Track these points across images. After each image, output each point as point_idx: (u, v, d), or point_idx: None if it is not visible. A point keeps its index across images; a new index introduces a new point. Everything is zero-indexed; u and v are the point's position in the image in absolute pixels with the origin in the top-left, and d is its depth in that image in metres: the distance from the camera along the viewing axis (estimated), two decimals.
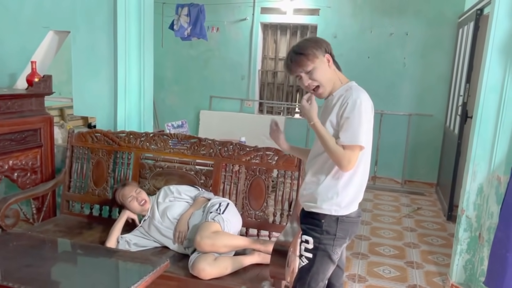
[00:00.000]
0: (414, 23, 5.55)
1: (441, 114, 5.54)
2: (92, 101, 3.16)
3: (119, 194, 2.62)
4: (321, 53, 1.78)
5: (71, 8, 3.09)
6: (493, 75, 2.63)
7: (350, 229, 1.85)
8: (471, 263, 2.85)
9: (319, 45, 1.79)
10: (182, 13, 4.61)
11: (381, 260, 3.46)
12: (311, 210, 1.85)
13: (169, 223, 2.53)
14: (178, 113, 6.40)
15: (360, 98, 1.72)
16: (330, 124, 1.77)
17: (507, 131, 2.60)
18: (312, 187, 1.85)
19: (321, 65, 1.78)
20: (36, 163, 2.97)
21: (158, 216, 2.56)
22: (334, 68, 1.83)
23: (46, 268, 1.96)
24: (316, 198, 1.82)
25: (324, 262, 1.84)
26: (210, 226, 2.33)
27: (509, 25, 2.55)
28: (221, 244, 2.29)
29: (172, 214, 2.54)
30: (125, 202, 2.60)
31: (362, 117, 1.71)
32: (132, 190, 2.61)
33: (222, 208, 2.46)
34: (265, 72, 6.54)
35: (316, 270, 1.85)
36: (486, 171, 2.72)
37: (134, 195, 2.59)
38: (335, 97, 1.80)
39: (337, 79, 1.83)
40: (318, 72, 1.78)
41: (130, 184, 2.67)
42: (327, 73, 1.80)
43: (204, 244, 2.25)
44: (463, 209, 2.84)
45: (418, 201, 5.14)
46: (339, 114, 1.74)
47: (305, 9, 5.99)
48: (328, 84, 1.81)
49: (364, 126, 1.71)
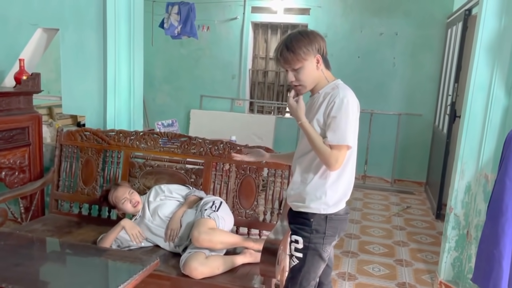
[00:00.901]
0: (404, 23, 5.60)
1: (430, 113, 5.59)
2: (81, 99, 3.13)
3: (112, 196, 2.58)
4: (311, 53, 1.76)
5: (60, 5, 3.06)
6: (480, 75, 2.66)
7: (339, 227, 1.86)
8: (459, 260, 2.89)
9: (312, 45, 1.76)
10: (173, 11, 4.59)
11: (371, 258, 3.48)
12: (299, 209, 1.85)
13: (160, 221, 2.52)
14: (168, 112, 6.38)
15: (347, 97, 1.72)
16: (317, 123, 1.77)
17: (495, 129, 2.63)
18: (299, 187, 1.85)
19: (309, 65, 1.77)
20: (24, 162, 2.94)
21: (149, 215, 2.54)
22: (323, 68, 1.81)
23: (35, 268, 1.94)
24: (304, 198, 1.82)
25: (315, 261, 1.84)
26: (206, 222, 2.33)
27: (496, 25, 2.58)
28: (218, 240, 2.29)
29: (163, 213, 2.53)
30: (117, 204, 2.57)
31: (349, 116, 1.71)
32: (126, 192, 2.57)
33: (216, 206, 2.47)
34: (255, 72, 6.54)
35: (307, 270, 1.85)
36: (474, 170, 2.75)
37: (128, 197, 2.56)
38: (321, 95, 1.79)
39: (323, 78, 1.82)
40: (305, 72, 1.77)
41: (123, 185, 2.63)
42: (313, 74, 1.79)
43: (202, 240, 2.25)
44: (451, 207, 2.87)
45: (408, 200, 5.18)
46: (326, 113, 1.74)
47: (296, 9, 6.00)
48: (311, 84, 1.81)
49: (351, 126, 1.72)
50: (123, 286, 1.67)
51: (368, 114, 5.66)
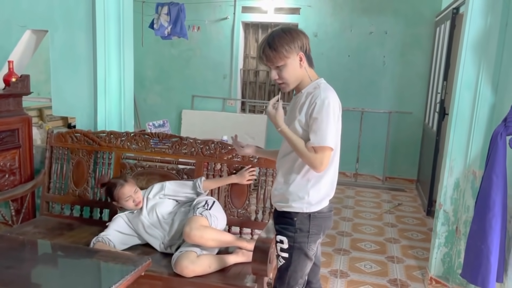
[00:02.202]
0: (393, 22, 5.64)
1: (420, 111, 5.64)
2: (71, 101, 3.13)
3: (117, 191, 2.50)
4: (294, 51, 1.75)
5: (48, 7, 3.05)
6: (467, 73, 2.69)
7: (323, 224, 1.87)
8: (449, 256, 2.93)
9: (294, 42, 1.74)
10: (162, 12, 4.59)
11: (363, 256, 3.51)
12: (283, 209, 1.87)
13: (155, 220, 2.51)
14: (159, 113, 6.37)
15: (328, 99, 1.71)
16: (298, 123, 1.77)
17: (482, 126, 2.67)
18: (282, 187, 1.86)
19: (292, 63, 1.76)
20: (14, 164, 2.93)
21: (146, 211, 2.53)
22: (306, 66, 1.80)
23: (26, 270, 1.93)
24: (287, 198, 1.83)
25: (301, 259, 1.85)
26: (198, 220, 2.33)
27: (482, 24, 2.62)
28: (209, 237, 2.29)
29: (160, 212, 2.52)
30: (120, 200, 2.52)
31: (330, 117, 1.70)
32: (132, 190, 2.52)
33: (209, 204, 2.48)
34: (247, 71, 6.55)
35: (294, 269, 1.86)
36: (462, 166, 2.79)
37: (132, 195, 2.51)
38: (304, 95, 1.79)
39: (306, 76, 1.81)
40: (287, 70, 1.77)
41: (129, 183, 2.55)
42: (296, 72, 1.78)
43: (193, 236, 2.25)
44: (440, 203, 2.91)
45: (399, 197, 5.23)
46: (307, 113, 1.73)
47: (286, 8, 6.02)
48: (294, 82, 1.81)
49: (333, 127, 1.72)
50: (115, 287, 1.67)
51: (358, 113, 5.69)
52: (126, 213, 2.59)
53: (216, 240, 2.34)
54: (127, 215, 2.58)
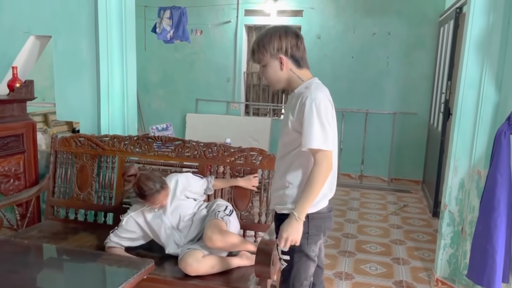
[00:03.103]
0: (396, 22, 5.63)
1: (425, 112, 5.61)
2: (75, 105, 3.15)
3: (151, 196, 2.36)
4: (271, 54, 1.74)
5: (52, 13, 3.08)
6: (470, 72, 2.68)
7: (323, 225, 1.85)
8: (454, 257, 2.90)
9: (270, 45, 1.73)
10: (164, 16, 4.61)
11: (368, 258, 3.49)
12: (282, 212, 1.85)
13: (177, 221, 2.45)
14: (164, 117, 6.38)
15: (316, 100, 1.68)
16: (291, 124, 1.76)
17: (486, 126, 2.64)
18: (280, 190, 1.85)
19: (271, 65, 1.76)
20: (19, 169, 2.95)
21: (169, 212, 2.45)
22: (292, 67, 1.76)
23: (31, 274, 1.94)
24: (285, 201, 1.82)
25: (302, 261, 1.84)
26: (219, 223, 2.34)
27: (484, 22, 2.60)
28: (228, 242, 2.30)
29: (183, 213, 2.47)
30: (149, 201, 2.38)
31: (322, 118, 1.68)
32: (166, 198, 2.43)
33: (230, 210, 2.49)
34: (250, 74, 6.56)
35: (297, 271, 1.85)
36: (467, 166, 2.77)
37: (163, 201, 2.42)
38: (295, 95, 1.78)
39: (295, 77, 1.79)
40: (268, 70, 1.78)
41: (165, 190, 2.41)
42: (277, 74, 1.78)
43: (215, 239, 2.25)
44: (445, 204, 2.88)
45: (404, 199, 5.19)
46: (299, 116, 1.71)
47: (289, 11, 6.03)
48: (277, 83, 1.81)
49: (323, 129, 1.68)
50: None
51: (363, 114, 5.67)
52: (144, 210, 2.46)
53: (234, 245, 2.35)
54: (144, 213, 2.46)
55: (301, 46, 1.79)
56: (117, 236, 2.48)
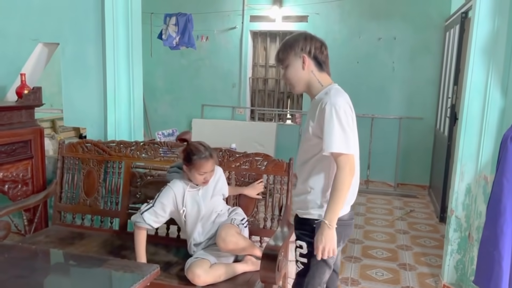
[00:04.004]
0: (402, 27, 5.63)
1: (431, 116, 5.59)
2: (82, 111, 3.18)
3: (198, 161, 2.27)
4: (295, 52, 1.81)
5: (59, 20, 3.12)
6: (476, 76, 2.67)
7: (343, 232, 1.85)
8: (461, 263, 2.88)
9: (294, 44, 1.82)
10: (170, 22, 4.66)
11: (374, 263, 3.47)
12: (303, 216, 1.87)
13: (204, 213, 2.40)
14: (170, 122, 6.42)
15: (336, 105, 1.70)
16: (311, 130, 1.79)
17: (492, 131, 2.63)
18: (302, 195, 1.88)
19: (294, 64, 1.83)
20: (27, 174, 2.97)
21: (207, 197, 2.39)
22: (314, 69, 1.82)
23: (38, 279, 1.95)
24: (307, 206, 1.84)
25: (319, 266, 1.84)
26: (234, 227, 2.35)
27: (490, 27, 2.60)
28: (240, 246, 2.31)
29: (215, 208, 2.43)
30: (193, 170, 2.30)
31: (343, 123, 1.70)
32: (211, 168, 2.32)
33: (245, 221, 2.50)
34: (255, 80, 6.58)
35: (312, 275, 1.85)
36: (474, 171, 2.75)
37: (208, 173, 2.32)
38: (316, 101, 1.81)
39: (315, 81, 1.83)
40: (291, 71, 1.84)
41: (214, 159, 2.33)
42: (298, 74, 1.83)
43: (229, 241, 2.26)
44: (452, 209, 2.87)
45: (411, 204, 5.17)
46: (319, 121, 1.74)
47: (294, 16, 6.05)
48: (298, 84, 1.86)
49: (345, 133, 1.71)
50: None
51: (369, 119, 5.67)
52: (184, 185, 2.38)
53: (243, 249, 2.35)
54: (184, 186, 2.38)
55: (325, 52, 1.86)
56: (151, 213, 2.35)
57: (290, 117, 6.73)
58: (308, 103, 1.92)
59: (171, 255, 2.59)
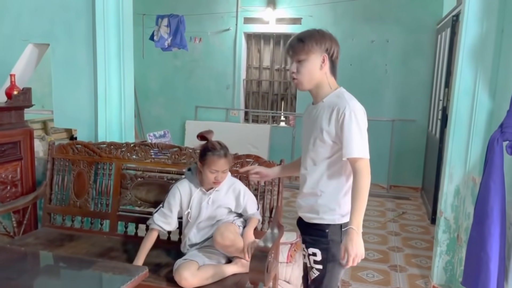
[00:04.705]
0: (395, 30, 5.66)
1: (424, 119, 5.62)
2: (72, 112, 3.17)
3: (212, 158, 2.27)
4: (319, 50, 1.75)
5: (50, 21, 3.11)
6: (465, 79, 2.69)
7: None
8: (451, 264, 2.89)
9: (322, 41, 1.75)
10: (162, 24, 4.66)
11: (365, 265, 3.48)
12: (312, 221, 1.84)
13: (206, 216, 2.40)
14: (163, 124, 6.41)
15: (355, 110, 1.72)
16: (328, 135, 1.76)
17: (480, 133, 2.66)
18: (310, 199, 1.84)
19: (313, 61, 1.76)
20: (16, 176, 2.96)
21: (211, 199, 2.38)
22: (327, 71, 1.79)
23: (27, 281, 1.94)
24: (317, 210, 1.82)
25: (335, 269, 1.84)
26: (234, 226, 2.36)
27: (478, 30, 2.62)
28: (236, 246, 2.28)
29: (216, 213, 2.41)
30: (205, 167, 2.29)
31: (361, 128, 1.72)
32: (223, 168, 2.30)
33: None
34: (249, 81, 6.59)
35: (329, 279, 1.84)
36: (462, 173, 2.77)
37: (220, 173, 2.30)
38: (326, 104, 1.78)
39: (325, 82, 1.80)
40: (307, 66, 1.76)
41: (228, 159, 2.32)
42: (314, 72, 1.77)
43: (227, 237, 2.25)
44: (441, 211, 2.88)
45: (403, 206, 5.19)
46: (337, 126, 1.73)
47: (287, 19, 6.07)
48: (309, 82, 1.80)
49: (364, 137, 1.74)
50: None
51: None
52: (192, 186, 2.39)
53: (238, 251, 2.32)
54: (192, 188, 2.39)
55: (339, 56, 1.83)
56: (160, 214, 2.40)
57: (284, 119, 6.74)
58: (303, 105, 1.92)
59: (161, 257, 2.59)
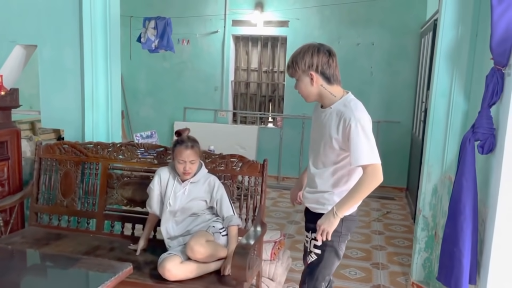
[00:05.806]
0: (380, 33, 5.77)
1: (408, 120, 5.73)
2: (59, 113, 3.21)
3: (178, 149, 2.45)
4: (304, 69, 1.86)
5: (37, 23, 3.15)
6: (442, 81, 2.79)
7: (352, 226, 2.03)
8: (429, 261, 2.98)
9: (305, 61, 1.84)
10: (149, 26, 4.71)
11: (348, 263, 3.56)
12: (318, 211, 1.98)
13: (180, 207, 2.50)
14: (152, 125, 6.44)
15: (361, 119, 1.80)
16: (336, 142, 1.86)
17: (456, 133, 2.75)
18: (318, 193, 1.99)
19: (304, 80, 1.89)
20: (3, 175, 2.99)
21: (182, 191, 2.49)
22: (323, 84, 1.87)
23: (14, 280, 1.97)
24: (323, 203, 1.97)
25: (331, 257, 1.99)
26: (206, 235, 2.39)
27: (454, 35, 2.71)
28: (209, 254, 2.32)
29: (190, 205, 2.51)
30: (175, 159, 2.48)
31: (368, 135, 1.81)
32: (189, 158, 2.43)
33: (223, 231, 2.51)
34: (238, 83, 6.65)
35: (324, 265, 1.99)
36: (439, 172, 2.86)
37: (186, 163, 2.43)
38: (334, 112, 1.88)
39: (326, 93, 1.90)
40: (300, 85, 1.92)
41: (193, 150, 2.45)
42: (308, 89, 1.90)
43: (197, 251, 2.29)
44: (420, 209, 2.97)
45: (388, 206, 5.28)
46: (344, 134, 1.82)
47: (275, 21, 6.15)
48: (309, 96, 1.93)
49: (371, 143, 1.82)
50: None
51: None
52: (171, 172, 2.54)
53: (213, 257, 2.36)
54: (171, 173, 2.54)
55: (333, 64, 1.89)
56: (151, 199, 2.57)
57: (272, 120, 6.81)
58: (291, 107, 2.01)
59: (147, 254, 2.63)
